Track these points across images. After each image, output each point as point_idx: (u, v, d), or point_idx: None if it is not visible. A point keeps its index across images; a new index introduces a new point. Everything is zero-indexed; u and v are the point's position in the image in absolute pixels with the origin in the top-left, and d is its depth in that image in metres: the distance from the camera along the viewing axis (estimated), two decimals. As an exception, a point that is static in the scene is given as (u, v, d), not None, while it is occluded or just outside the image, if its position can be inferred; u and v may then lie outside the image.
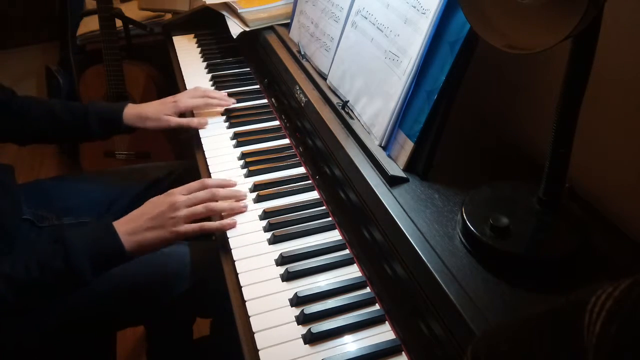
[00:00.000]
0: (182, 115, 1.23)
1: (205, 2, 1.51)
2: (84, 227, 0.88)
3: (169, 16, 1.91)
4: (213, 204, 0.92)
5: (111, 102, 1.24)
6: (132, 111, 1.19)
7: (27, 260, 0.82)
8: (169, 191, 0.93)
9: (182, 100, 1.22)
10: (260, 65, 1.40)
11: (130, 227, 0.87)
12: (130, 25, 1.98)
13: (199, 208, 0.90)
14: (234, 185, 1.00)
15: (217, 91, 1.29)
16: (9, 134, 1.18)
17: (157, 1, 1.92)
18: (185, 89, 1.35)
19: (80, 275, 0.82)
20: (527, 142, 0.90)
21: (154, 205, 0.90)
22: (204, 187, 0.94)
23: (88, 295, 0.89)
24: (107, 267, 0.86)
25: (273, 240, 0.89)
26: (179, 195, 0.91)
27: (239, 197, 0.97)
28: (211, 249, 1.07)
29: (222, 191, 0.95)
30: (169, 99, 1.23)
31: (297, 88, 1.12)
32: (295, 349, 0.72)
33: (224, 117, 1.24)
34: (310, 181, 1.02)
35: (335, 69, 1.05)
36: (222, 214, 0.94)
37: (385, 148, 0.88)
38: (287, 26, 1.33)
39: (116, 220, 0.89)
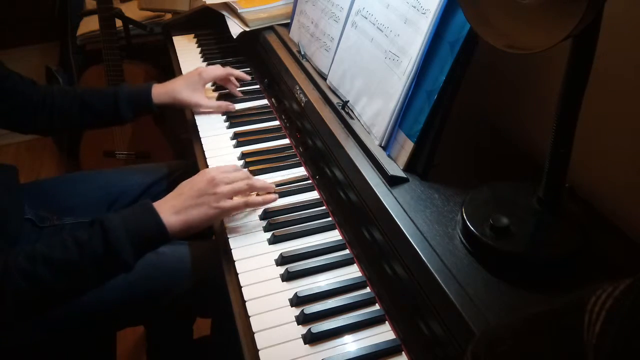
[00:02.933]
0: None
1: (205, 2, 1.51)
2: (124, 212, 0.86)
3: (169, 16, 1.91)
4: (254, 179, 0.93)
5: (137, 84, 1.25)
6: (160, 90, 1.21)
7: (64, 242, 0.79)
8: (202, 170, 0.91)
9: (206, 71, 1.25)
10: (260, 65, 1.40)
11: (172, 206, 0.85)
12: (130, 25, 1.98)
13: (240, 184, 0.90)
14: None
15: (234, 69, 1.32)
16: (34, 125, 1.18)
17: (157, 1, 1.92)
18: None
19: (120, 255, 0.79)
20: (527, 142, 0.90)
21: (192, 184, 0.88)
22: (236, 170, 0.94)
23: (88, 295, 0.89)
24: (149, 247, 0.84)
25: (273, 240, 0.89)
26: (216, 172, 0.90)
27: (269, 188, 0.97)
28: (211, 249, 1.07)
29: (256, 181, 0.95)
30: (194, 72, 1.25)
31: (297, 88, 1.12)
32: (295, 349, 0.72)
33: (224, 117, 1.24)
34: (310, 181, 1.02)
35: (335, 69, 1.05)
36: (260, 192, 0.95)
37: (385, 148, 0.88)
38: (287, 26, 1.33)
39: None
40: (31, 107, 1.15)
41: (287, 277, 0.81)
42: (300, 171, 1.05)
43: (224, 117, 1.24)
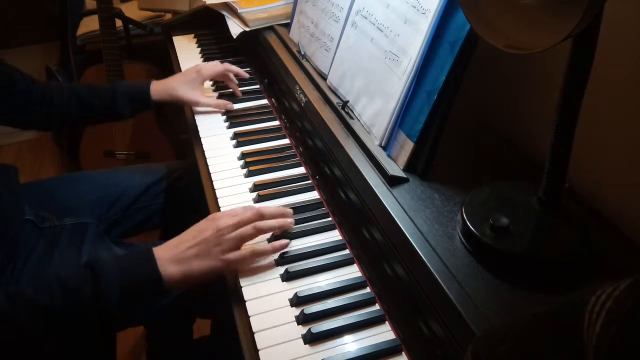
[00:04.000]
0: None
1: (205, 2, 1.51)
2: (121, 256, 0.79)
3: (169, 16, 1.91)
4: (261, 223, 0.83)
5: (135, 81, 1.26)
6: (158, 87, 1.21)
7: (52, 284, 0.74)
8: (212, 215, 0.84)
9: (205, 67, 1.25)
10: (260, 65, 1.40)
11: (174, 254, 0.77)
12: (130, 25, 1.98)
13: (248, 229, 0.81)
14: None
15: (233, 66, 1.31)
16: (33, 121, 1.19)
17: (157, 1, 1.92)
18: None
19: (107, 302, 0.72)
20: (527, 142, 0.90)
21: (198, 231, 0.81)
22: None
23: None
24: (140, 298, 0.76)
25: (273, 240, 0.88)
26: (223, 218, 0.82)
27: (286, 214, 0.88)
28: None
29: (267, 210, 0.86)
30: (192, 69, 1.25)
31: (297, 88, 1.12)
32: (295, 349, 0.72)
33: (224, 117, 1.24)
34: (310, 181, 1.02)
35: (335, 69, 1.05)
36: (272, 232, 0.87)
37: (385, 148, 0.88)
38: (287, 26, 1.33)
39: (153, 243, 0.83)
40: (31, 105, 1.15)
41: (287, 277, 0.81)
42: (300, 171, 1.06)
43: (224, 117, 1.24)
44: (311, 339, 0.72)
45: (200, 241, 0.79)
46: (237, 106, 1.27)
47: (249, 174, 1.05)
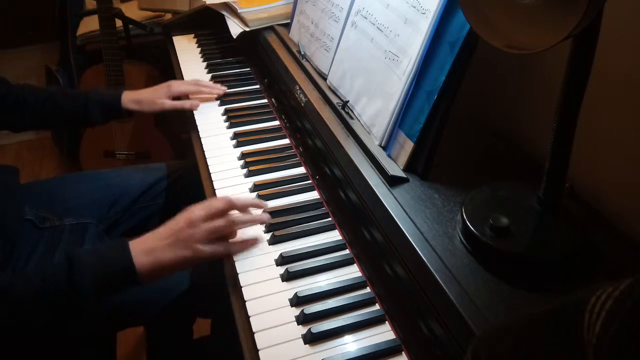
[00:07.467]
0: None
1: (205, 2, 1.51)
2: (97, 247, 0.83)
3: (169, 16, 1.91)
4: (234, 216, 0.84)
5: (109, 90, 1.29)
6: (129, 96, 1.25)
7: (29, 274, 0.77)
8: (187, 208, 0.85)
9: (175, 84, 1.28)
10: (260, 65, 1.40)
11: (146, 245, 0.81)
12: (130, 25, 1.98)
13: (220, 222, 0.83)
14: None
15: (209, 82, 1.33)
16: (6, 122, 1.21)
17: (157, 1, 1.92)
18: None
19: (80, 290, 0.75)
20: (527, 142, 0.90)
21: (172, 223, 0.84)
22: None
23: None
24: (114, 287, 0.80)
25: (273, 241, 0.89)
26: (196, 210, 0.84)
27: (260, 205, 0.91)
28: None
29: (240, 201, 0.88)
30: (164, 84, 1.29)
31: (297, 88, 1.12)
32: (295, 349, 0.72)
33: (224, 117, 1.24)
34: (310, 181, 1.02)
35: (335, 69, 1.05)
36: (245, 225, 0.87)
37: (385, 148, 0.88)
38: (287, 26, 1.33)
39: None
40: (5, 107, 1.17)
41: (287, 277, 0.81)
42: (300, 171, 1.06)
43: (224, 117, 1.24)
44: (311, 339, 0.72)
45: (173, 232, 0.82)
46: (237, 105, 1.27)
47: (249, 174, 1.05)
